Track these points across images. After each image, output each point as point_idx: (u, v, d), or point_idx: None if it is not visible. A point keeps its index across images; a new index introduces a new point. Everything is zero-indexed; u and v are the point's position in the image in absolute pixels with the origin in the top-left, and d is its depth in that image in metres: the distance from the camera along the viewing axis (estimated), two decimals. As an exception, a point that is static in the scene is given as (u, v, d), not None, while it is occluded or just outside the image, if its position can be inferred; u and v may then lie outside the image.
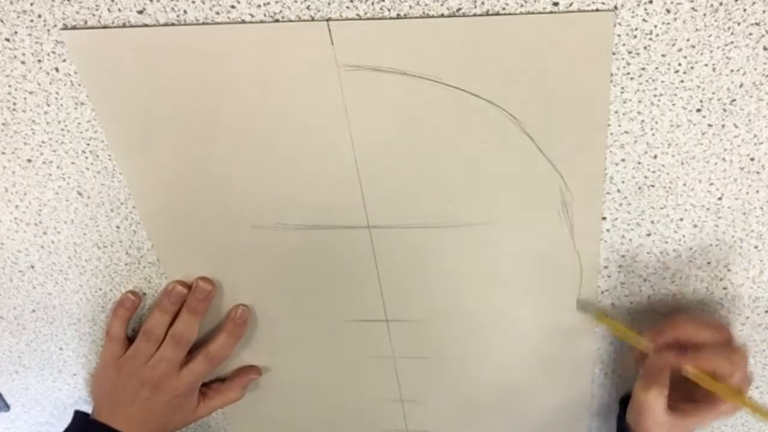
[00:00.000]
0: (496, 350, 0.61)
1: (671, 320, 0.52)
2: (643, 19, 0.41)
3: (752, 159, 0.47)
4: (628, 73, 0.43)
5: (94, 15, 0.45)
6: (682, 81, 0.43)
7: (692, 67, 0.43)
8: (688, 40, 0.42)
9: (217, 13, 0.44)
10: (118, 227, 0.57)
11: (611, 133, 0.46)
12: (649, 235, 0.52)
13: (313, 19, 0.44)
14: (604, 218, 0.51)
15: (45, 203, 0.56)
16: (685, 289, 0.55)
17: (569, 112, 0.45)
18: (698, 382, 0.50)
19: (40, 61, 0.48)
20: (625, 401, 0.60)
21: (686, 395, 0.51)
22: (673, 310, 0.57)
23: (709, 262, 0.53)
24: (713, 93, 0.44)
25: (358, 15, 0.43)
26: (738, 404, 0.50)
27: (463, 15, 0.42)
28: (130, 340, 0.61)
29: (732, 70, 0.43)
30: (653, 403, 0.50)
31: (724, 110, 0.45)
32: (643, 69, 0.43)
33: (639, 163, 0.48)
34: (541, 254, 0.53)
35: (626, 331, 0.53)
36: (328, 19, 0.43)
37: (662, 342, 0.51)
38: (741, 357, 0.50)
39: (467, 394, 0.66)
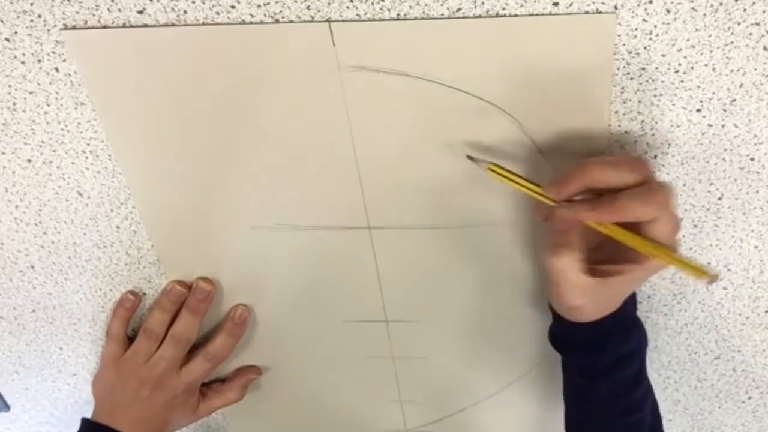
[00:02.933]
0: (495, 350, 0.61)
1: (576, 166, 0.43)
2: (643, 19, 0.41)
3: (752, 159, 0.47)
4: (628, 73, 0.43)
5: (94, 15, 0.45)
6: (682, 81, 0.43)
7: (692, 67, 0.43)
8: (688, 40, 0.42)
9: (217, 13, 0.44)
10: (118, 227, 0.57)
11: (611, 133, 0.46)
12: (649, 235, 0.52)
13: (313, 20, 0.44)
14: (604, 218, 0.51)
15: (45, 203, 0.56)
16: (685, 289, 0.55)
17: (569, 112, 0.45)
18: (614, 238, 0.43)
19: (40, 61, 0.48)
20: None
21: (611, 253, 0.44)
22: (673, 310, 0.57)
23: (709, 262, 0.53)
24: (713, 93, 0.44)
25: (357, 15, 0.43)
26: (662, 259, 0.43)
27: (463, 16, 0.42)
28: (130, 340, 0.61)
29: (732, 70, 0.43)
30: (566, 268, 0.43)
31: (724, 110, 0.44)
32: (643, 69, 0.43)
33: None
34: (541, 254, 0.53)
35: (524, 184, 0.45)
36: (328, 20, 0.43)
37: (567, 193, 0.43)
38: (663, 197, 0.41)
39: (467, 393, 0.66)
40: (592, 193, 0.43)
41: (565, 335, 0.51)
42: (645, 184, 0.42)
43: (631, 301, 0.50)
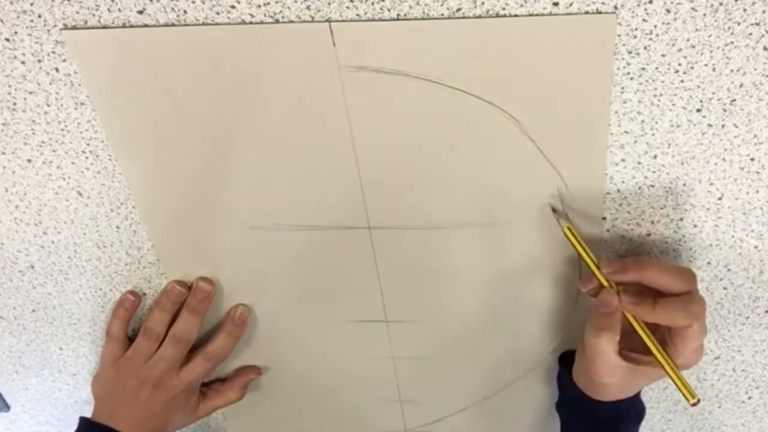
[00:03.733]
0: (495, 350, 0.61)
1: (636, 260, 0.48)
2: (643, 19, 0.41)
3: (752, 159, 0.47)
4: (628, 73, 0.43)
5: (94, 15, 0.45)
6: (682, 81, 0.43)
7: (692, 67, 0.43)
8: (688, 40, 0.42)
9: (217, 13, 0.44)
10: (118, 227, 0.57)
11: (611, 133, 0.46)
12: (649, 235, 0.52)
13: (313, 20, 0.44)
14: (604, 218, 0.51)
15: (45, 203, 0.56)
16: (685, 289, 0.55)
17: (569, 112, 0.45)
18: (637, 333, 0.48)
19: (40, 61, 0.48)
20: (564, 358, 0.59)
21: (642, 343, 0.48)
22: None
23: (709, 262, 0.53)
24: (713, 93, 0.44)
25: (357, 15, 0.43)
26: (664, 371, 0.48)
27: (463, 16, 0.42)
28: (130, 340, 0.61)
29: (732, 70, 0.43)
30: (604, 348, 0.47)
31: (724, 110, 0.44)
32: (643, 69, 0.43)
33: (639, 163, 0.48)
34: (540, 254, 0.53)
35: (587, 255, 0.48)
36: (328, 20, 0.43)
37: (620, 279, 0.48)
38: (700, 309, 0.46)
39: (466, 393, 0.66)
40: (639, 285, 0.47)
41: (584, 408, 0.53)
42: (688, 294, 0.46)
43: None
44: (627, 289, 0.47)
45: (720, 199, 0.49)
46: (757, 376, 0.60)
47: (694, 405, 0.48)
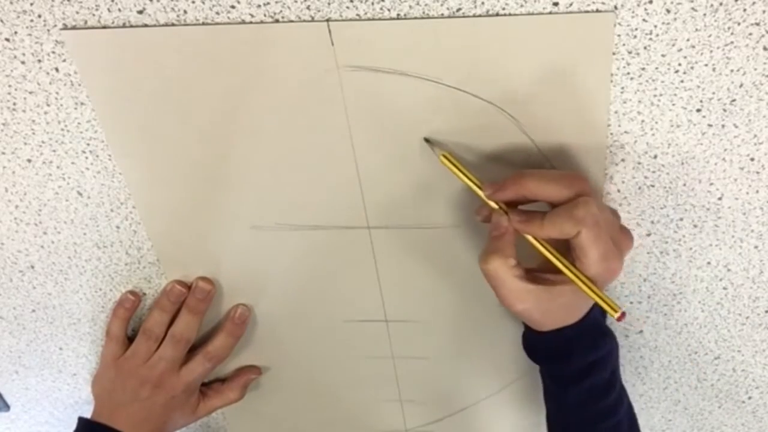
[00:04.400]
0: (495, 350, 0.61)
1: (515, 175, 0.44)
2: (643, 19, 0.41)
3: (752, 159, 0.47)
4: (628, 73, 0.43)
5: (94, 15, 0.45)
6: (682, 81, 0.43)
7: (692, 67, 0.43)
8: (688, 40, 0.42)
9: (217, 13, 0.44)
10: (118, 227, 0.57)
11: (611, 133, 0.46)
12: (649, 235, 0.52)
13: (313, 20, 0.44)
14: (604, 218, 0.51)
15: (45, 203, 0.56)
16: (685, 289, 0.55)
17: (569, 112, 0.45)
18: (541, 254, 0.45)
19: (40, 61, 0.48)
20: None
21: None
22: (673, 310, 0.57)
23: (709, 262, 0.53)
24: (713, 93, 0.44)
25: (357, 15, 0.43)
26: (578, 287, 0.44)
27: (463, 15, 0.42)
28: (130, 339, 0.61)
29: (732, 70, 0.43)
30: (499, 273, 0.44)
31: (724, 110, 0.44)
32: (643, 69, 0.43)
33: (639, 163, 0.48)
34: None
35: (469, 181, 0.46)
36: (328, 20, 0.43)
37: (501, 198, 0.45)
38: (583, 211, 0.42)
39: (466, 393, 0.66)
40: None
41: (532, 344, 0.52)
42: (573, 200, 0.43)
43: (596, 312, 0.50)
44: (515, 203, 0.45)
45: (720, 199, 0.49)
46: (757, 376, 0.60)
47: (619, 320, 0.44)
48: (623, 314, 0.44)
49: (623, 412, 0.53)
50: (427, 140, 0.48)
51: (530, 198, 0.44)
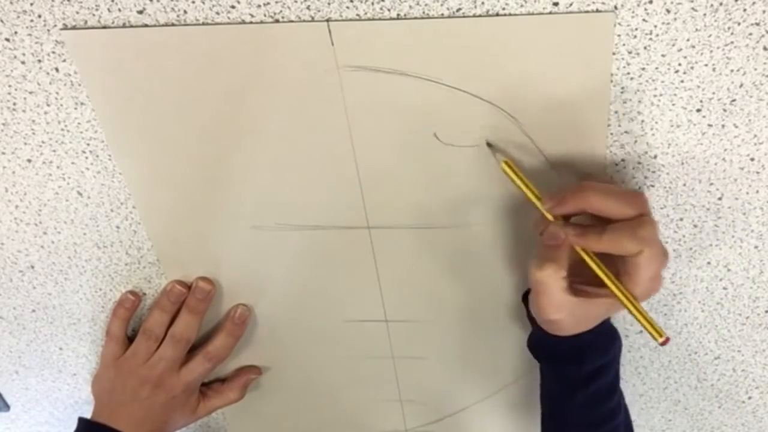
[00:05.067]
0: (495, 350, 0.61)
1: (577, 188, 0.44)
2: (643, 19, 0.41)
3: (752, 159, 0.47)
4: (628, 73, 0.43)
5: (94, 15, 0.45)
6: (682, 81, 0.43)
7: (692, 67, 0.43)
8: (688, 40, 0.42)
9: (217, 13, 0.44)
10: (118, 227, 0.57)
11: (611, 133, 0.46)
12: (649, 235, 0.52)
13: (313, 20, 0.44)
14: (604, 218, 0.51)
15: (45, 203, 0.56)
16: (685, 289, 0.55)
17: (569, 112, 0.45)
18: (591, 269, 0.44)
19: (40, 61, 0.48)
20: (527, 296, 0.54)
21: (595, 275, 0.45)
22: (673, 310, 0.57)
23: (709, 262, 0.53)
24: (713, 93, 0.44)
25: (358, 15, 0.43)
26: (625, 307, 0.44)
27: (463, 15, 0.42)
28: (130, 339, 0.61)
29: (732, 70, 0.43)
30: (548, 282, 0.44)
31: (724, 110, 0.44)
32: (643, 69, 0.43)
33: (639, 163, 0.48)
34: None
35: (528, 191, 0.45)
36: (328, 20, 0.43)
37: (562, 212, 0.45)
38: (649, 232, 0.43)
39: (466, 393, 0.66)
40: (592, 217, 0.45)
41: (544, 346, 0.51)
42: (637, 218, 0.43)
43: None
44: (575, 223, 0.45)
45: (720, 199, 0.49)
46: (757, 376, 0.60)
47: (663, 344, 0.44)
48: (667, 339, 0.44)
49: (622, 415, 0.53)
50: (489, 144, 0.47)
51: (590, 212, 0.44)
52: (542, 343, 0.51)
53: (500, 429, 0.68)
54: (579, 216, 0.45)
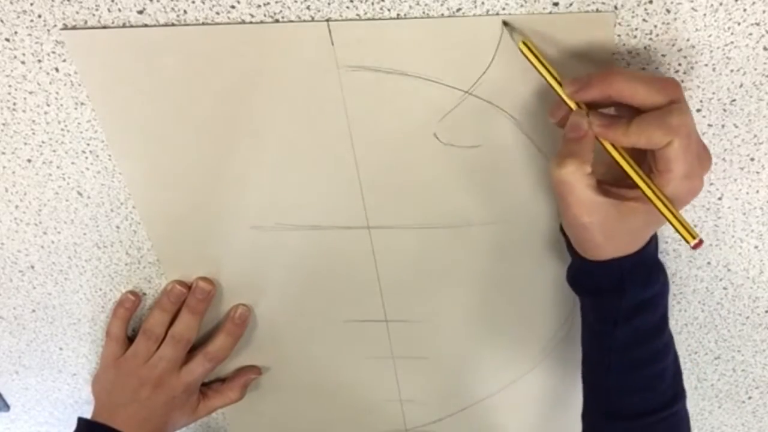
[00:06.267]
0: (495, 350, 0.61)
1: (604, 73, 0.40)
2: (643, 19, 0.41)
3: (752, 159, 0.47)
4: (628, 73, 0.43)
5: (94, 15, 0.45)
6: (682, 81, 0.43)
7: (692, 67, 0.43)
8: (688, 40, 0.42)
9: (217, 13, 0.44)
10: (118, 227, 0.57)
11: (611, 133, 0.46)
12: (649, 235, 0.52)
13: (313, 20, 0.44)
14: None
15: (45, 203, 0.56)
16: (685, 289, 0.55)
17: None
18: (619, 165, 0.41)
19: (40, 61, 0.48)
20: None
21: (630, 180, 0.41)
22: (673, 310, 0.57)
23: (709, 262, 0.53)
24: (713, 93, 0.44)
25: (358, 15, 0.43)
26: (656, 207, 0.40)
27: (463, 15, 0.42)
28: (130, 340, 0.61)
29: (732, 70, 0.43)
30: (572, 180, 0.40)
31: (724, 110, 0.44)
32: (643, 69, 0.43)
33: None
34: (540, 254, 0.53)
35: (548, 74, 0.41)
36: (328, 20, 0.43)
37: (586, 97, 0.40)
38: (679, 120, 0.38)
39: (466, 393, 0.66)
40: (620, 109, 0.41)
41: (583, 275, 0.47)
42: (667, 106, 0.39)
43: (654, 244, 0.46)
44: (598, 105, 0.41)
45: (720, 199, 0.49)
46: (757, 376, 0.60)
47: (695, 247, 0.40)
48: (701, 242, 0.40)
49: (670, 358, 0.49)
50: (505, 24, 0.42)
51: (616, 100, 0.40)
52: (580, 272, 0.47)
53: (500, 429, 0.68)
54: (605, 110, 0.42)
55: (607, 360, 0.48)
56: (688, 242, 0.40)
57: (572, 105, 0.41)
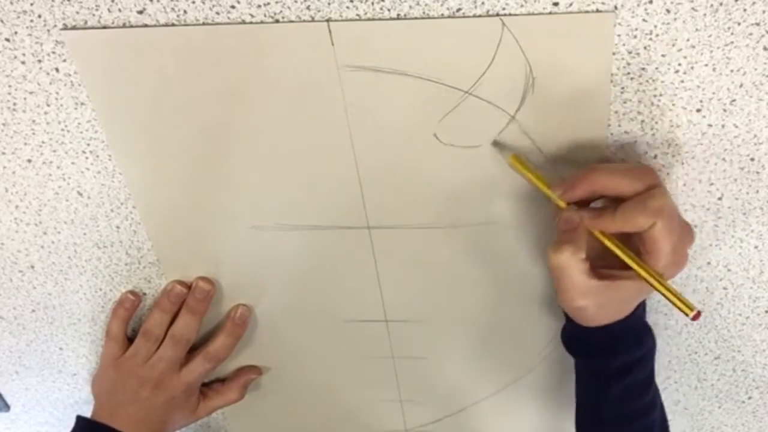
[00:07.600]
0: (495, 350, 0.61)
1: (584, 171, 0.44)
2: (643, 19, 0.41)
3: (752, 159, 0.47)
4: (628, 73, 0.43)
5: (94, 15, 0.45)
6: (682, 81, 0.43)
7: (692, 67, 0.43)
8: (688, 40, 0.42)
9: (217, 13, 0.44)
10: (118, 227, 0.57)
11: (611, 133, 0.46)
12: (649, 235, 0.52)
13: (313, 20, 0.44)
14: (604, 218, 0.51)
15: (45, 203, 0.56)
16: (685, 289, 0.55)
17: (569, 112, 0.45)
18: (612, 252, 0.44)
19: (40, 61, 0.48)
20: None
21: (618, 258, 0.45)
22: (673, 310, 0.57)
23: (709, 262, 0.53)
24: (713, 93, 0.44)
25: (358, 15, 0.43)
26: (650, 285, 0.43)
27: (463, 15, 0.42)
28: (130, 340, 0.61)
29: (732, 70, 0.43)
30: (567, 266, 0.43)
31: (724, 110, 0.44)
32: (643, 69, 0.43)
33: (639, 163, 0.48)
34: (540, 254, 0.53)
35: (538, 182, 0.46)
36: (328, 20, 0.43)
37: (573, 197, 0.44)
38: (660, 203, 0.42)
39: (466, 393, 0.66)
40: (607, 199, 0.44)
41: (577, 338, 0.51)
42: (646, 191, 0.42)
43: (641, 306, 0.50)
44: (585, 201, 0.45)
45: (720, 199, 0.49)
46: (757, 376, 0.60)
47: (694, 319, 0.43)
48: (698, 313, 0.43)
49: (658, 410, 0.52)
50: (495, 143, 0.47)
51: (601, 193, 0.44)
52: (574, 336, 0.51)
53: (500, 429, 0.68)
54: (596, 201, 0.45)
55: (601, 412, 0.52)
56: (686, 314, 0.43)
57: (563, 204, 0.45)
